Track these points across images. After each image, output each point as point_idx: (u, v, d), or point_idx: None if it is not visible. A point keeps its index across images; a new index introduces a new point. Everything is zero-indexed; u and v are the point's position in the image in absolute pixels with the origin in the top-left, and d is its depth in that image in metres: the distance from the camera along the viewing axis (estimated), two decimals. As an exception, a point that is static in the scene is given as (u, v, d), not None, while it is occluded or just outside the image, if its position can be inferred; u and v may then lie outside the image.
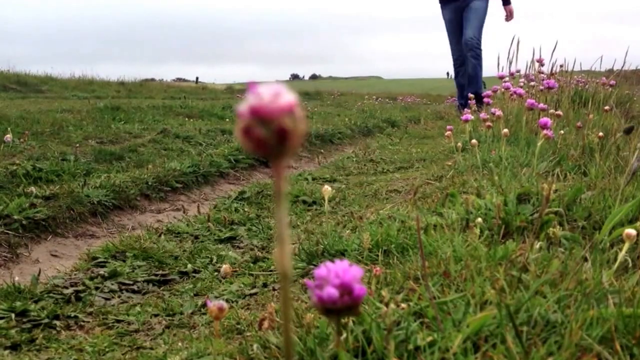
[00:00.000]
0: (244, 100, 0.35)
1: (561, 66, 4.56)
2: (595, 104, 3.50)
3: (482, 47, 6.09)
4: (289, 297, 0.41)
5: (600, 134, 2.20)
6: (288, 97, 0.35)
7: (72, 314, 1.35)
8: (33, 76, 11.73)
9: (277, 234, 0.38)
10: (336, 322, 0.60)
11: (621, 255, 1.01)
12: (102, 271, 1.61)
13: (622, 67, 3.96)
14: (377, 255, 1.26)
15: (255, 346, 0.92)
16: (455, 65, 6.62)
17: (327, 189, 1.40)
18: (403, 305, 0.90)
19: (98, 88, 11.68)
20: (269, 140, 0.34)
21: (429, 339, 0.81)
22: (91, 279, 1.57)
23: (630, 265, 1.05)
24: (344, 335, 0.82)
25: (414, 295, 0.95)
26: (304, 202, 2.42)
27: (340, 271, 0.54)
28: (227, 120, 6.35)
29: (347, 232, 1.54)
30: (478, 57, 6.20)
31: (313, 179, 3.02)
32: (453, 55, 6.56)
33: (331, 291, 0.54)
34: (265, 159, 0.38)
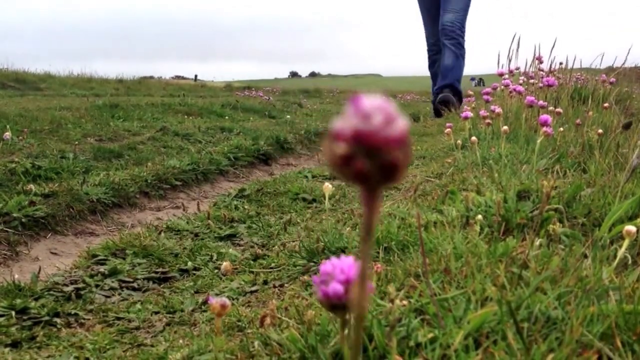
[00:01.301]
0: (343, 117, 0.29)
1: (561, 63, 4.57)
2: (594, 102, 3.50)
3: (466, 37, 5.16)
4: (360, 337, 0.37)
5: (600, 131, 2.20)
6: (401, 124, 0.28)
7: (73, 312, 1.35)
8: (31, 74, 11.71)
9: (360, 272, 0.33)
10: (341, 317, 0.60)
11: (621, 251, 1.01)
12: (102, 269, 1.61)
13: (623, 64, 3.97)
14: (378, 253, 1.26)
15: (256, 343, 0.92)
16: (430, 52, 5.57)
17: (328, 187, 1.40)
18: (404, 302, 0.91)
19: (97, 86, 11.67)
20: (373, 173, 0.29)
21: (430, 335, 0.82)
22: (91, 276, 1.57)
23: (630, 262, 1.06)
24: (346, 331, 0.82)
25: (414, 292, 0.96)
26: (304, 199, 2.42)
27: (345, 267, 0.55)
28: (227, 118, 6.35)
29: (348, 229, 1.54)
30: (459, 47, 5.22)
31: (313, 177, 3.02)
32: (428, 40, 5.50)
33: (337, 287, 0.54)
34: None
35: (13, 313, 1.30)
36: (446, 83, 5.25)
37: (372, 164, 0.29)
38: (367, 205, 0.32)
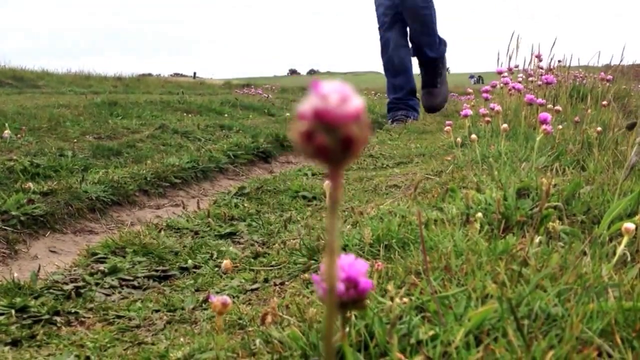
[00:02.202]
0: (305, 98, 0.32)
1: (559, 61, 4.57)
2: (593, 99, 3.51)
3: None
4: (334, 309, 0.40)
5: (599, 128, 2.20)
6: (356, 102, 0.32)
7: (73, 310, 1.35)
8: (29, 71, 11.69)
9: (327, 245, 0.36)
10: (342, 315, 0.60)
11: (620, 249, 1.02)
12: (102, 267, 1.60)
13: (620, 61, 3.97)
14: (379, 250, 1.26)
15: (257, 341, 0.92)
16: (382, 24, 4.43)
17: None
18: (405, 299, 0.91)
19: (95, 83, 11.65)
20: (333, 147, 0.32)
21: (431, 332, 0.82)
22: (91, 274, 1.57)
23: (629, 259, 1.06)
24: (347, 329, 0.82)
25: (415, 289, 0.96)
26: (304, 197, 2.42)
27: (345, 265, 0.55)
28: (226, 115, 6.35)
29: (348, 227, 1.54)
30: (428, 2, 4.34)
31: (312, 175, 3.02)
32: (378, 8, 4.26)
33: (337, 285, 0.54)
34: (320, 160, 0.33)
35: (13, 311, 1.29)
36: (430, 55, 4.83)
37: (331, 138, 0.32)
38: (331, 179, 0.35)
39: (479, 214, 1.24)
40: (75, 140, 3.82)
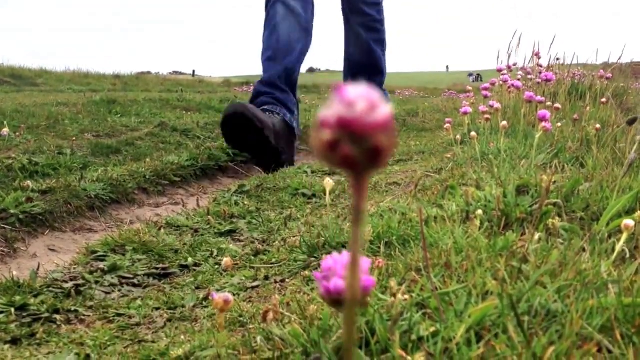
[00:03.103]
0: (329, 105, 0.30)
1: (558, 59, 4.58)
2: (592, 97, 3.51)
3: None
4: (354, 322, 0.38)
5: (598, 126, 2.21)
6: (385, 110, 0.30)
7: (73, 308, 1.35)
8: (28, 69, 11.67)
9: (351, 255, 0.35)
10: (344, 313, 0.60)
11: (619, 245, 1.02)
12: (101, 265, 1.60)
13: (619, 59, 3.98)
14: (379, 247, 1.26)
15: (259, 338, 0.93)
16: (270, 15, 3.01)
17: (329, 182, 1.40)
18: (406, 296, 0.91)
19: (93, 81, 11.63)
20: (359, 158, 0.30)
21: (432, 329, 0.82)
22: (91, 272, 1.57)
23: (628, 255, 1.06)
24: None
25: (416, 286, 0.96)
26: (304, 195, 2.42)
27: (347, 262, 0.55)
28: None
29: (348, 224, 1.54)
30: (378, 30, 3.41)
31: (312, 172, 3.02)
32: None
33: (338, 282, 0.54)
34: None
35: (12, 310, 1.29)
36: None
37: (357, 149, 0.30)
38: (355, 190, 0.33)
39: (479, 211, 1.24)
40: (74, 139, 3.81)
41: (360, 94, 0.30)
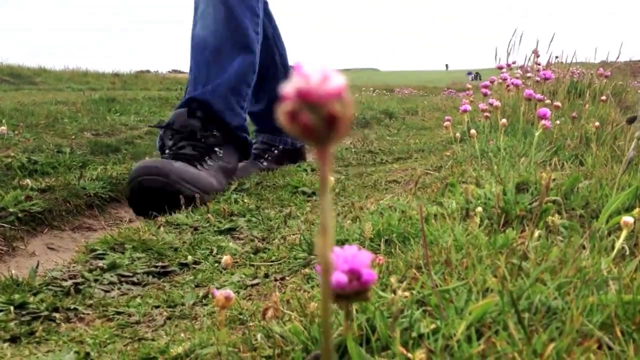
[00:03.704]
0: (289, 81, 0.34)
1: (557, 57, 4.58)
2: (591, 95, 3.52)
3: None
4: (328, 289, 0.40)
5: (597, 123, 2.21)
6: (337, 81, 0.33)
7: (72, 306, 1.35)
8: (26, 68, 11.65)
9: (321, 224, 0.37)
10: (345, 307, 0.60)
11: (619, 242, 1.02)
12: (100, 263, 1.60)
13: (617, 58, 3.99)
14: (379, 245, 1.26)
15: (259, 336, 0.92)
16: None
17: (330, 179, 1.40)
18: (406, 293, 0.91)
19: (92, 80, 11.62)
20: (317, 126, 0.33)
21: (432, 326, 0.82)
22: (90, 271, 1.56)
23: (628, 252, 1.06)
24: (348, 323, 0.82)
25: (416, 283, 0.96)
26: (304, 192, 2.42)
27: (348, 256, 0.55)
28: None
29: (348, 222, 1.54)
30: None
31: (312, 170, 3.02)
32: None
33: (340, 277, 0.54)
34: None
35: (12, 308, 1.29)
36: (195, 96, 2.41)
37: (315, 117, 0.33)
38: (320, 160, 0.35)
39: (479, 208, 1.24)
40: (73, 137, 3.81)
41: (315, 68, 0.33)
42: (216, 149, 2.45)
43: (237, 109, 2.50)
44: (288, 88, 0.33)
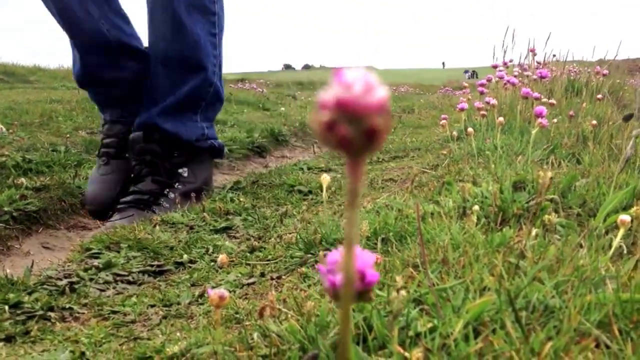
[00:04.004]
0: (327, 88, 0.31)
1: (554, 55, 4.59)
2: (588, 93, 3.52)
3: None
4: (349, 302, 0.39)
5: (594, 122, 2.21)
6: (381, 92, 0.31)
7: (67, 306, 1.34)
8: (21, 67, 11.59)
9: (345, 237, 0.36)
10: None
11: (616, 241, 1.02)
12: (96, 262, 1.59)
13: (615, 56, 4.00)
14: (376, 244, 1.26)
15: (255, 335, 0.92)
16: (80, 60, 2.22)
17: (326, 178, 1.40)
18: (403, 292, 0.91)
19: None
20: (356, 139, 0.31)
21: (430, 325, 0.82)
22: (85, 270, 1.56)
23: (625, 251, 1.06)
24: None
25: (413, 282, 0.96)
26: (300, 191, 2.42)
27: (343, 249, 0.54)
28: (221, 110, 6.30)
29: (345, 220, 1.54)
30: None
31: (308, 169, 3.02)
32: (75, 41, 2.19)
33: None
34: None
35: (6, 307, 1.28)
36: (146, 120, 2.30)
37: (354, 129, 0.31)
38: (352, 172, 0.34)
39: (476, 207, 1.24)
40: (67, 136, 3.79)
41: (357, 76, 0.31)
42: (180, 170, 2.39)
43: (192, 122, 2.41)
44: (327, 96, 0.31)
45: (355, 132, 0.31)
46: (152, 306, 1.33)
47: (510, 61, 4.45)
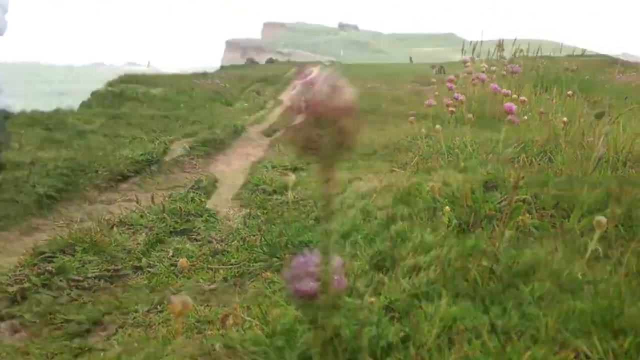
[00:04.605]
0: (296, 90, 0.31)
1: (521, 51, 4.62)
2: (558, 89, 3.52)
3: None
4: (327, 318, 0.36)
5: (565, 119, 2.20)
6: (348, 94, 0.30)
7: (18, 314, 1.26)
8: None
9: (321, 244, 0.34)
10: (314, 315, 0.55)
11: (592, 244, 0.99)
12: (49, 267, 1.51)
13: (583, 52, 4.05)
14: (344, 247, 1.21)
15: (217, 345, 0.86)
16: None
17: (292, 178, 1.34)
18: (372, 298, 0.86)
19: (44, 72, 11.19)
20: (325, 141, 0.30)
21: (402, 334, 0.77)
22: (38, 275, 1.47)
23: (602, 254, 1.03)
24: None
25: (383, 288, 0.91)
26: (264, 191, 2.35)
27: (319, 261, 0.49)
28: (182, 105, 6.17)
29: (311, 222, 1.49)
30: None
31: (272, 167, 2.94)
32: None
33: (311, 284, 0.48)
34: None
35: (-50, 318, 1.19)
36: None
37: (323, 132, 0.30)
38: (325, 174, 0.33)
39: (447, 208, 1.20)
40: (22, 132, 3.62)
41: (324, 79, 0.30)
42: None
43: None
44: (295, 98, 0.30)
45: (324, 134, 0.30)
46: (108, 314, 1.26)
47: (478, 57, 4.47)
